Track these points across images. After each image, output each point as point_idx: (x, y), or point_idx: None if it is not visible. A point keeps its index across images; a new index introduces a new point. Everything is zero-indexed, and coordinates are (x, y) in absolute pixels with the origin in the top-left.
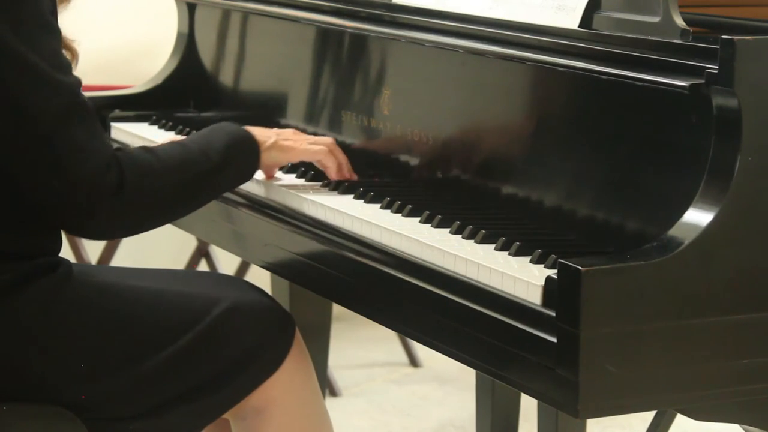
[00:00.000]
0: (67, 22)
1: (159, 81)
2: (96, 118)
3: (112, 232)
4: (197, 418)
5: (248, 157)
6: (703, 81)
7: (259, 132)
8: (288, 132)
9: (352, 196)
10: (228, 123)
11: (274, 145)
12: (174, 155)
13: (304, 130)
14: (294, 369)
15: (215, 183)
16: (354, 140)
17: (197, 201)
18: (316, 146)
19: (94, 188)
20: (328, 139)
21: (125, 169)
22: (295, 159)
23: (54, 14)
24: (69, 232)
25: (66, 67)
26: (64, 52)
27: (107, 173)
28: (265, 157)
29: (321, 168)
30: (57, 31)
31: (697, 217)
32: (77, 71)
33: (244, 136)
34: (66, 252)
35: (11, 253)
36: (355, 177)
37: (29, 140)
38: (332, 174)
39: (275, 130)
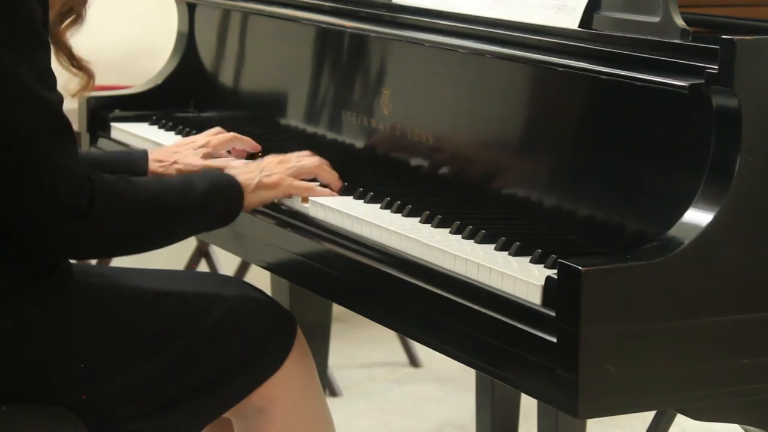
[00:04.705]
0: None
1: (159, 81)
2: (74, 138)
3: (78, 253)
4: (198, 417)
5: (231, 200)
6: (703, 81)
7: (242, 173)
8: (272, 163)
9: (352, 196)
10: (213, 169)
11: (259, 185)
12: (151, 188)
13: (303, 131)
14: (296, 368)
15: (192, 222)
16: (354, 140)
17: (171, 236)
18: (302, 183)
19: (64, 208)
20: (314, 161)
21: (97, 193)
22: (282, 196)
23: (45, 26)
24: (35, 249)
25: (51, 83)
26: (78, 72)
27: (79, 194)
28: (251, 199)
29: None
30: (47, 44)
31: (697, 217)
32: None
33: (228, 180)
34: None
35: (12, 255)
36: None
37: (5, 152)
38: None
39: (258, 164)
